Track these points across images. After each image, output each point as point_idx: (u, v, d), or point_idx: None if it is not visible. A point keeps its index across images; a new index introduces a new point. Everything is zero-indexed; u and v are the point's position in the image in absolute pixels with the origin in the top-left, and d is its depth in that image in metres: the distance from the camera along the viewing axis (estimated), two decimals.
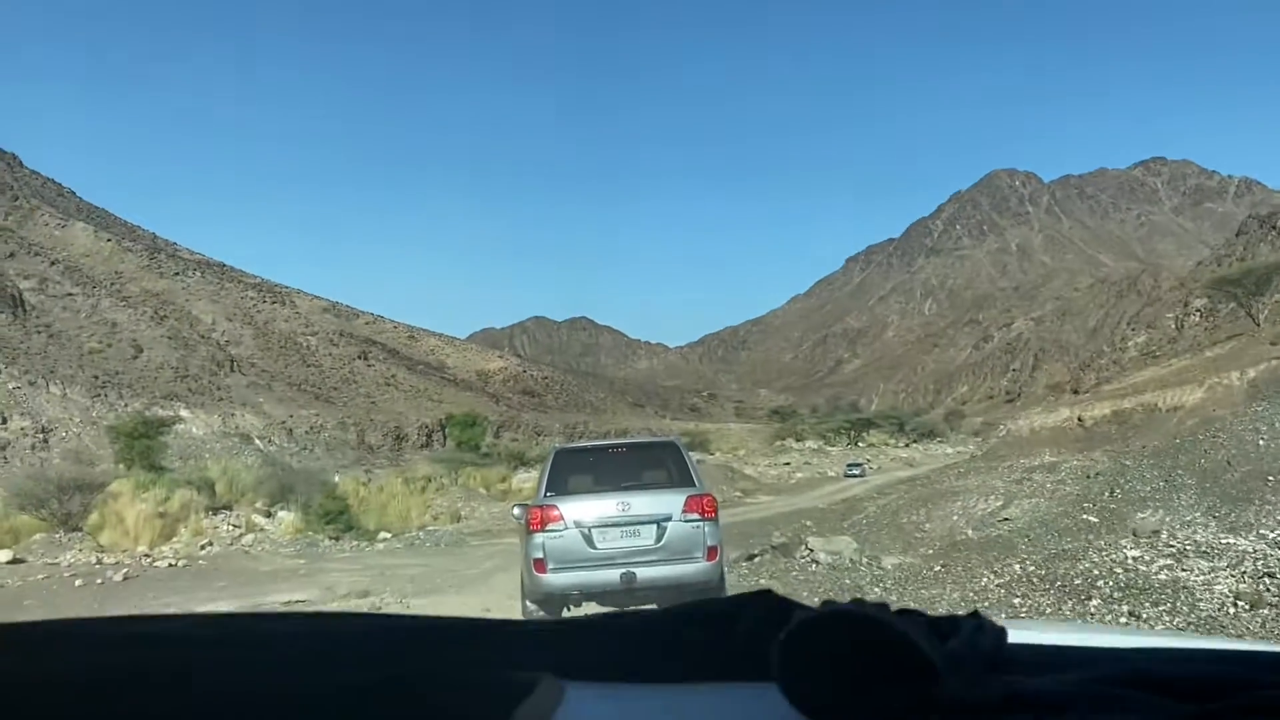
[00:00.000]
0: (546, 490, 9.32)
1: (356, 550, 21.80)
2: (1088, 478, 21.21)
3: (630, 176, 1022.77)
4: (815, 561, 14.65)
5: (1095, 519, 16.17)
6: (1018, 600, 9.88)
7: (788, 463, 62.52)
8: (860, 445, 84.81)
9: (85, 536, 20.57)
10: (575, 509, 9.03)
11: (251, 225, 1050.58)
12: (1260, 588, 10.07)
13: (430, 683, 0.74)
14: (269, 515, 26.34)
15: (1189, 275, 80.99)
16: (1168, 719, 0.72)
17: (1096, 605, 9.25)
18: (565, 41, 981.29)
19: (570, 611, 8.80)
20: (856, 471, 52.20)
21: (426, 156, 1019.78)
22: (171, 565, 18.04)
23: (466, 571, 17.21)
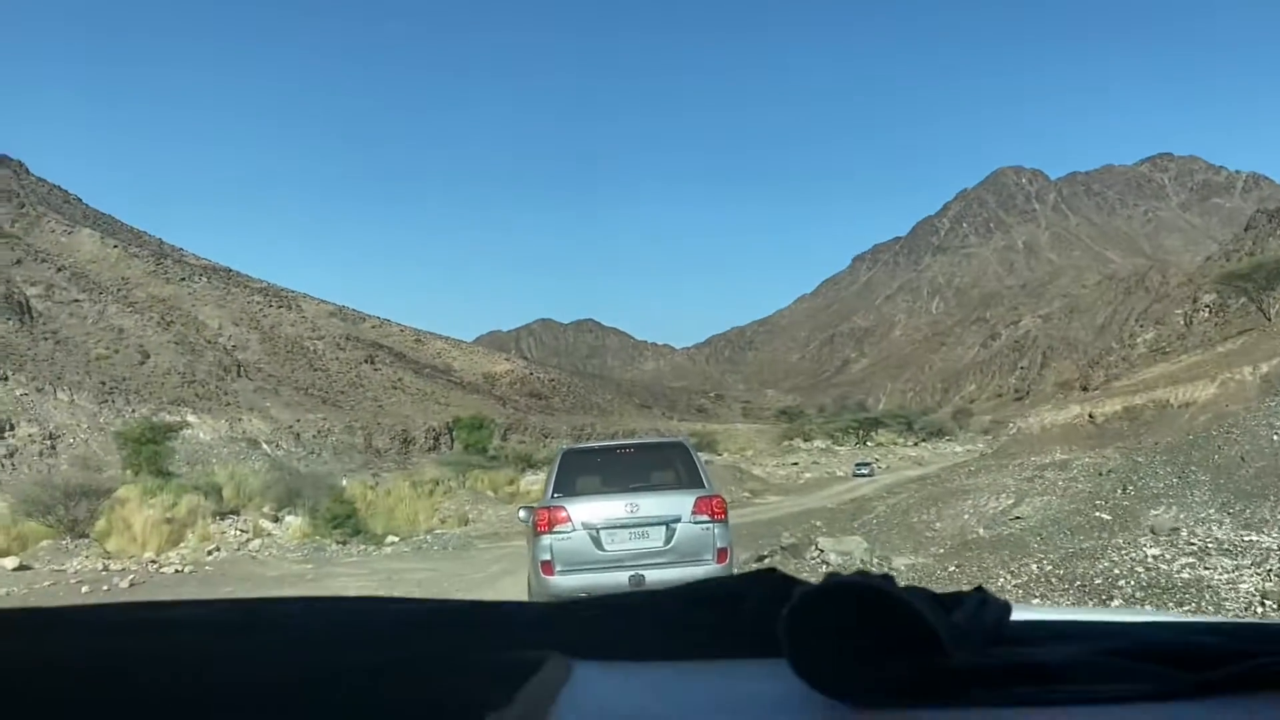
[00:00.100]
0: (554, 491, 9.19)
1: (364, 555, 21.71)
2: (1100, 475, 21.02)
3: (634, 179, 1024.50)
4: (825, 562, 14.52)
5: (1108, 516, 16.00)
6: (1036, 600, 9.68)
7: (796, 463, 62.36)
8: (868, 445, 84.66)
9: (92, 543, 20.51)
10: (583, 510, 8.90)
11: (257, 230, 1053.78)
12: None
13: (438, 662, 0.75)
14: (276, 520, 26.27)
15: (1197, 271, 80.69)
16: (1169, 687, 0.74)
17: (1118, 606, 9.06)
18: (570, 44, 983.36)
19: None
20: (865, 471, 52.00)
21: (431, 159, 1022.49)
22: (178, 571, 17.97)
23: (474, 575, 17.11)
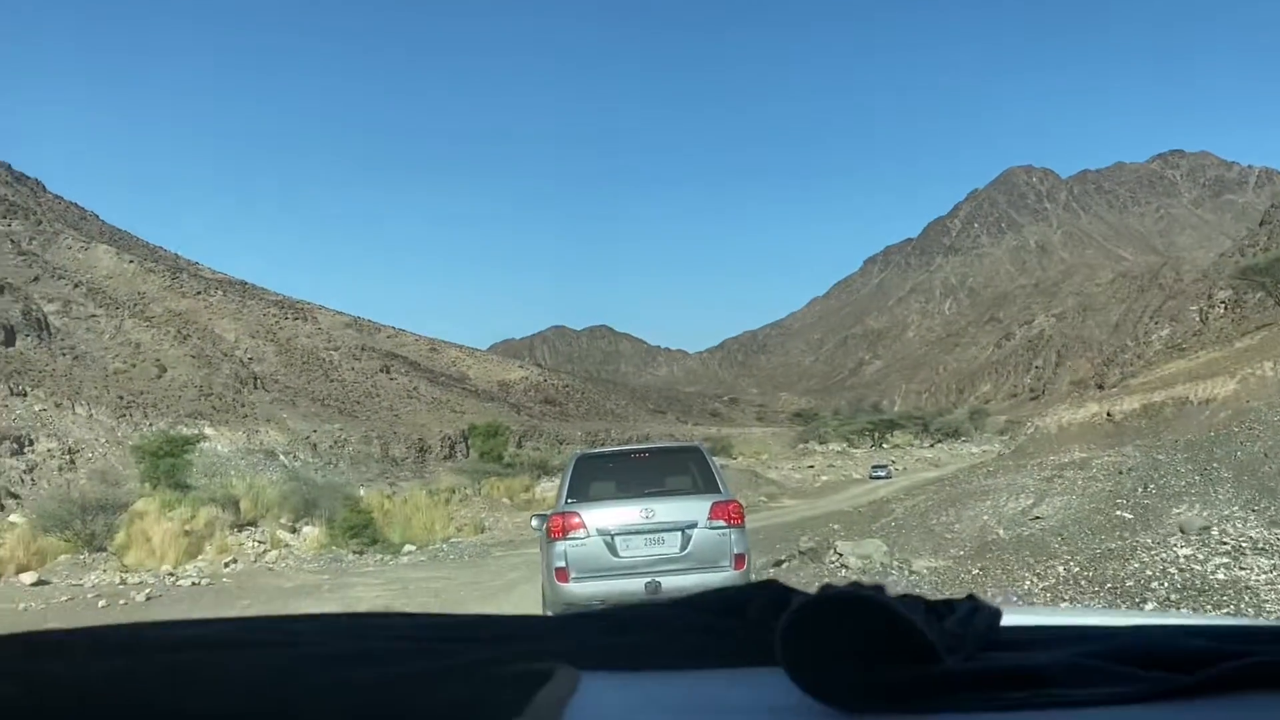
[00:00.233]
0: (568, 497, 9.06)
1: (380, 564, 21.69)
2: (1120, 473, 20.78)
3: (644, 183, 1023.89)
4: (845, 566, 14.35)
5: (1130, 515, 15.79)
6: (1065, 604, 9.47)
7: (812, 466, 62.21)
8: (884, 446, 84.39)
9: (110, 557, 20.56)
10: (598, 516, 8.79)
11: (272, 243, 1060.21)
12: None
13: (448, 675, 0.76)
14: (294, 531, 26.31)
15: (1212, 267, 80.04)
16: (1156, 689, 0.77)
17: (1153, 608, 8.81)
18: (581, 49, 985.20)
19: None
20: (882, 473, 51.83)
21: (444, 169, 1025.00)
22: (195, 584, 17.97)
23: (490, 583, 17.05)
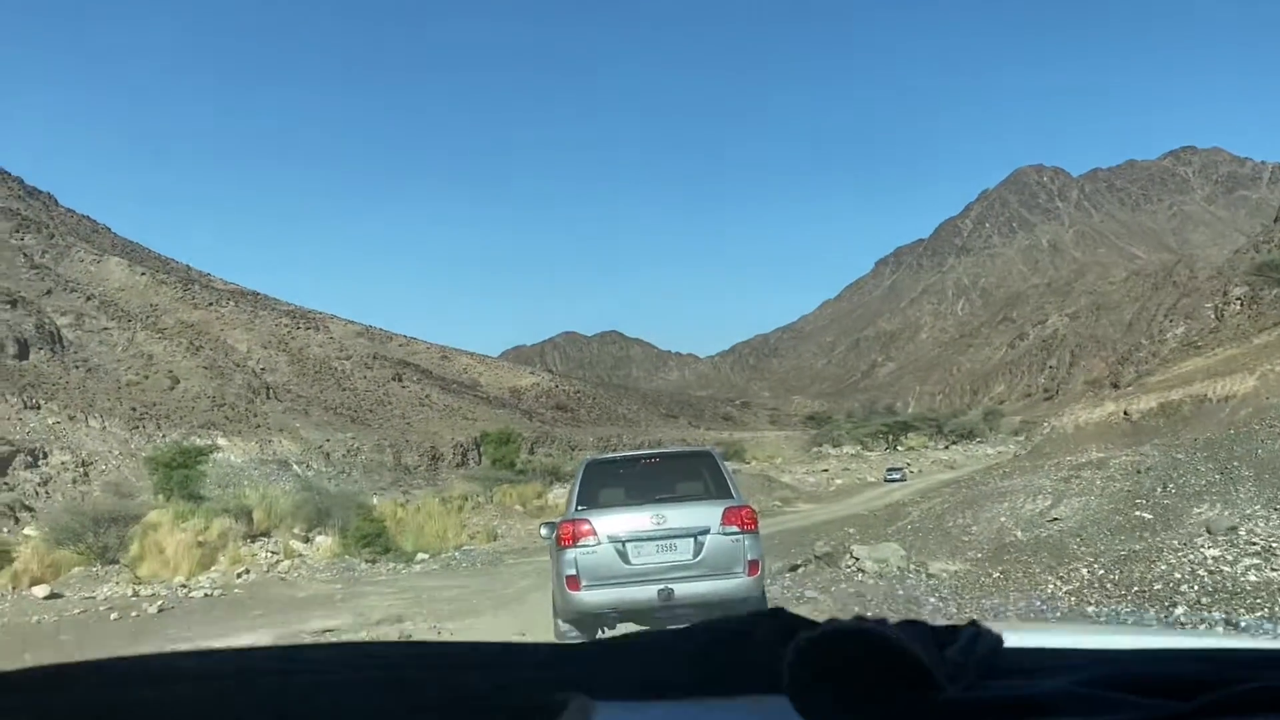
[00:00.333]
0: (578, 504, 8.89)
1: (393, 573, 21.59)
2: (1138, 473, 20.49)
3: (653, 186, 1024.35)
4: (861, 570, 14.14)
5: (1150, 515, 15.55)
6: (1091, 609, 9.17)
7: (826, 469, 61.82)
8: (899, 449, 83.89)
9: (123, 569, 20.53)
10: (608, 523, 8.62)
11: (283, 254, 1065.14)
12: None
13: (462, 706, 0.77)
14: (307, 540, 26.24)
15: (1226, 264, 79.32)
16: (1149, 716, 0.78)
17: (1183, 612, 8.53)
18: (586, 48, 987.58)
19: (605, 633, 8.43)
20: (897, 476, 51.42)
21: (453, 178, 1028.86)
22: (207, 595, 17.91)
23: (503, 591, 16.93)
